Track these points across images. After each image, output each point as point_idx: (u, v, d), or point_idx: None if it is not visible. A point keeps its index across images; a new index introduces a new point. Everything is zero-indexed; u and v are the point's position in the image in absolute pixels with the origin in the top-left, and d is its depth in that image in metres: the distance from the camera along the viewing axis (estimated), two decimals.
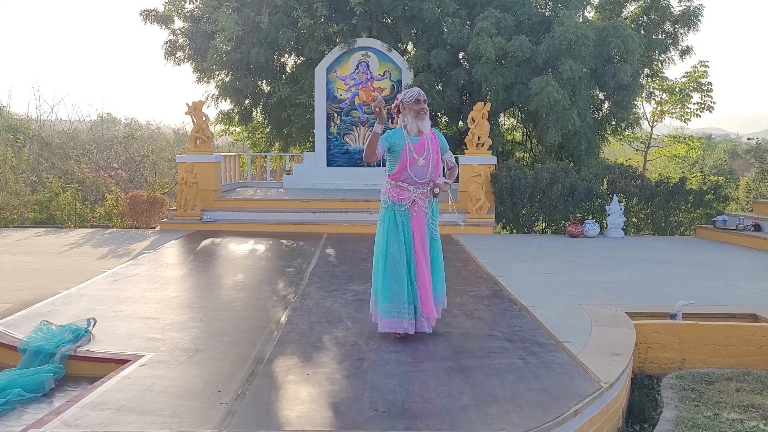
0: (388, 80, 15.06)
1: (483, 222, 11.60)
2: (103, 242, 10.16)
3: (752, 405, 4.23)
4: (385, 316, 4.84)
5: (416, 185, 4.88)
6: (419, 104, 4.89)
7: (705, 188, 12.43)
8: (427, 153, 4.87)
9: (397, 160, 4.86)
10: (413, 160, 4.84)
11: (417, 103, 4.89)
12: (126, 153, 16.74)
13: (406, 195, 4.89)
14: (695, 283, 7.27)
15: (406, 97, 4.92)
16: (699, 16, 15.30)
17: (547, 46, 13.07)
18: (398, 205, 4.89)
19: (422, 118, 4.91)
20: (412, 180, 4.86)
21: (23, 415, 3.86)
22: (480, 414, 3.50)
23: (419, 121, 4.91)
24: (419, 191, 4.89)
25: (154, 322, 5.32)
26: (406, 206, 4.89)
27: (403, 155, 4.84)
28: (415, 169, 4.85)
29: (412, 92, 4.93)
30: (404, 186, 4.88)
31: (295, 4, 14.58)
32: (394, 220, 4.88)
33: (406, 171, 4.84)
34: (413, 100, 4.89)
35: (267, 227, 11.54)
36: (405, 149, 4.85)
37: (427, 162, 4.86)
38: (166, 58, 16.56)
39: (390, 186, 4.92)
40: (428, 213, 4.96)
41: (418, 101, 4.90)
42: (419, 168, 4.85)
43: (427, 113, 4.95)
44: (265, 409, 3.57)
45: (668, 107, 18.06)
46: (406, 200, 4.89)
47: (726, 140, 33.07)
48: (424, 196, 4.92)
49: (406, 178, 4.87)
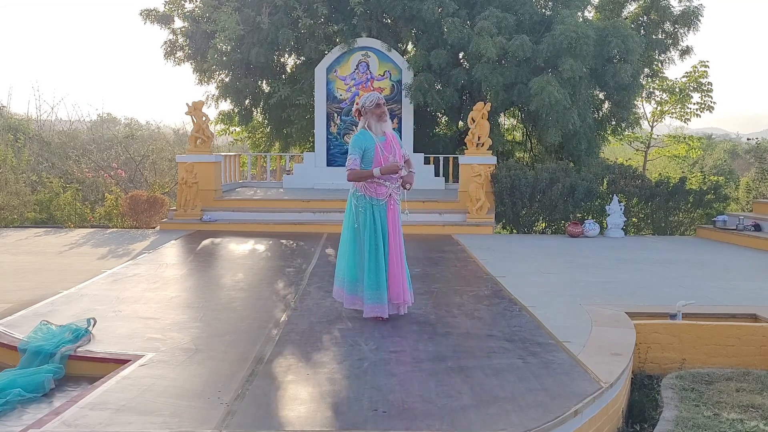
0: (388, 80, 15.07)
1: (483, 222, 11.60)
2: (103, 242, 10.16)
3: (752, 405, 4.23)
4: (371, 303, 5.25)
5: (391, 180, 5.31)
6: (380, 108, 5.29)
7: (705, 188, 12.43)
8: (394, 150, 5.32)
9: (372, 160, 5.25)
10: (385, 158, 5.25)
11: (378, 107, 5.28)
12: (126, 153, 16.75)
13: (383, 190, 5.30)
14: (695, 283, 7.27)
15: (367, 102, 5.28)
16: (699, 16, 15.31)
17: (548, 46, 13.07)
18: (377, 200, 5.30)
19: (384, 120, 5.32)
20: (388, 175, 5.26)
21: (23, 415, 3.86)
22: (480, 414, 3.50)
23: (382, 123, 5.31)
24: (394, 186, 5.35)
25: (154, 322, 5.32)
26: (383, 201, 5.31)
27: (377, 155, 5.24)
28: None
29: (371, 97, 5.30)
30: (381, 182, 5.28)
31: (295, 4, 14.58)
32: (372, 214, 5.28)
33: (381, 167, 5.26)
34: (374, 104, 5.27)
35: (267, 227, 11.54)
36: (377, 149, 5.25)
37: (395, 158, 5.30)
38: (166, 58, 16.55)
39: (366, 183, 5.29)
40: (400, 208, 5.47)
41: (379, 105, 5.29)
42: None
43: (387, 115, 5.35)
44: (265, 409, 3.57)
45: (668, 107, 18.07)
46: (384, 195, 5.31)
47: (726, 140, 33.08)
48: (397, 191, 5.39)
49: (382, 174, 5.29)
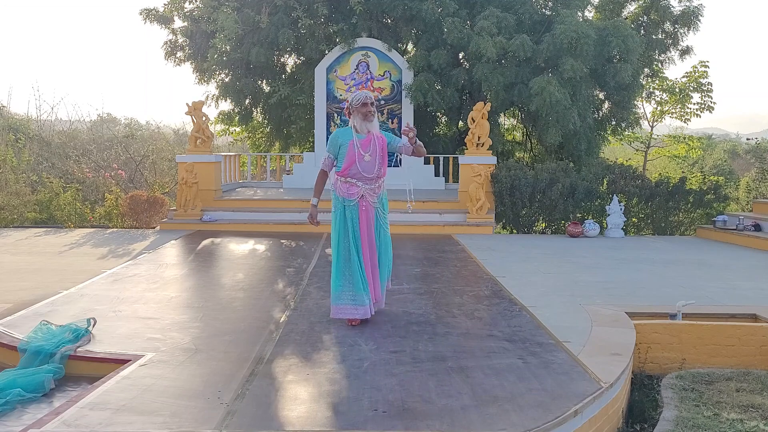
0: (388, 80, 15.07)
1: (483, 222, 11.60)
2: (103, 242, 10.16)
3: (752, 405, 4.23)
4: (336, 303, 5.18)
5: (364, 180, 5.15)
6: (366, 107, 5.15)
7: (705, 188, 12.43)
8: (373, 149, 5.15)
9: (345, 156, 5.13)
10: (360, 155, 5.10)
11: (364, 105, 5.14)
12: (126, 153, 16.75)
13: (354, 190, 5.17)
14: (695, 283, 7.27)
15: (354, 101, 5.17)
16: (699, 16, 15.32)
17: (548, 46, 13.07)
18: (348, 200, 5.17)
19: (370, 119, 5.18)
20: (360, 175, 5.13)
21: (23, 415, 3.86)
22: (480, 414, 3.50)
23: (367, 122, 5.18)
24: (367, 187, 5.17)
25: (154, 322, 5.31)
26: (355, 201, 5.17)
27: (350, 151, 5.11)
28: (362, 164, 5.12)
29: (359, 95, 5.18)
30: (353, 182, 5.15)
31: (295, 4, 14.58)
32: (344, 214, 5.17)
33: (354, 166, 5.11)
34: (360, 103, 5.14)
35: (267, 227, 11.54)
36: (351, 145, 5.11)
37: (373, 158, 5.14)
38: (166, 58, 16.57)
39: (339, 182, 5.19)
40: (377, 208, 5.27)
41: (365, 104, 5.15)
42: (366, 163, 5.13)
43: (374, 115, 5.20)
44: (265, 409, 3.57)
45: (668, 107, 18.07)
46: (355, 195, 5.17)
47: (726, 140, 33.09)
48: (372, 192, 5.21)
49: (355, 174, 5.14)
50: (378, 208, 5.27)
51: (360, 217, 5.17)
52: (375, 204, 5.25)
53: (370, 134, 5.18)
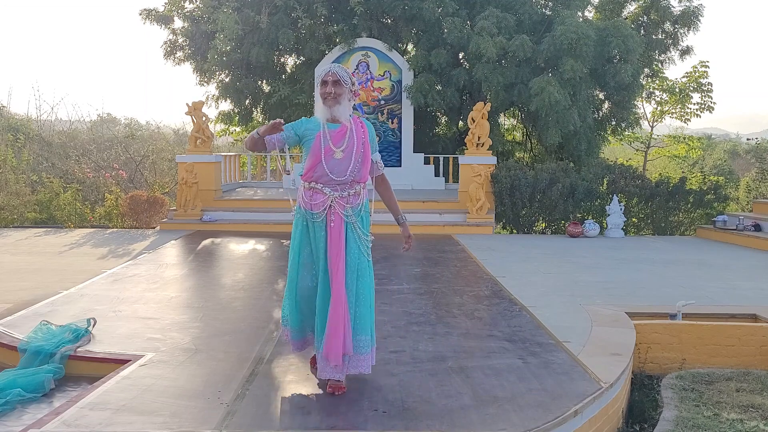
0: (388, 80, 15.06)
1: (483, 222, 11.60)
2: (103, 242, 10.16)
3: (752, 405, 4.23)
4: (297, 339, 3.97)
5: (333, 186, 3.71)
6: (325, 86, 3.72)
7: (705, 188, 12.43)
8: (349, 143, 3.72)
9: (309, 152, 3.73)
10: (329, 151, 3.69)
11: (323, 84, 3.73)
12: (126, 153, 16.75)
13: (320, 199, 3.71)
14: (695, 283, 7.27)
15: (316, 78, 4.03)
16: (699, 16, 15.33)
17: (548, 46, 13.08)
18: (311, 213, 3.72)
19: (329, 105, 3.73)
20: (329, 179, 3.69)
21: (23, 415, 3.86)
22: (480, 414, 3.50)
23: (325, 108, 3.76)
24: (337, 194, 3.71)
25: (154, 322, 5.31)
26: (321, 216, 3.71)
27: (316, 145, 3.70)
28: (331, 164, 3.69)
29: (321, 71, 3.92)
30: (318, 188, 3.71)
31: (295, 4, 14.58)
32: (306, 233, 3.78)
33: (320, 165, 3.69)
34: (320, 80, 3.76)
35: (267, 227, 11.53)
36: (318, 138, 3.71)
37: (348, 155, 3.71)
38: (166, 58, 16.56)
39: (303, 189, 3.79)
40: (350, 223, 3.73)
41: (325, 83, 3.72)
42: (336, 162, 3.70)
43: (339, 98, 3.73)
44: (265, 409, 3.57)
45: (668, 107, 18.08)
46: (320, 207, 3.70)
47: (726, 140, 33.08)
48: (344, 201, 3.72)
49: (321, 176, 3.70)
50: (351, 223, 3.72)
51: (329, 239, 3.69)
52: (348, 218, 3.71)
53: (345, 125, 3.76)
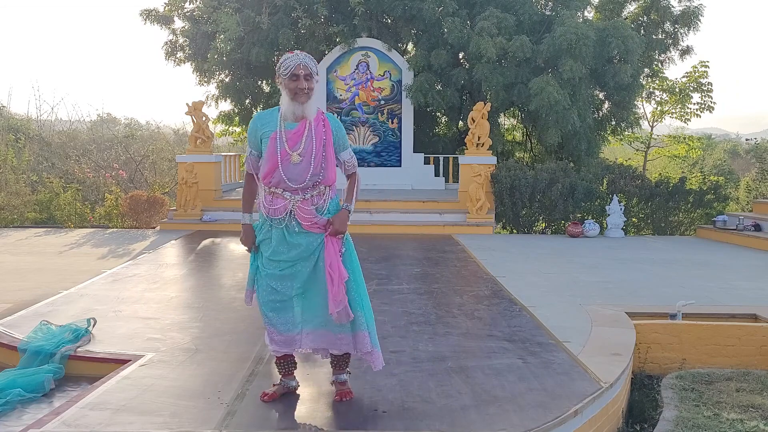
0: (388, 80, 15.06)
1: (483, 222, 11.60)
2: (103, 242, 10.16)
3: (752, 405, 4.23)
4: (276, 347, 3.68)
5: (293, 190, 3.42)
6: (297, 81, 3.36)
7: (705, 188, 12.43)
8: (307, 145, 3.39)
9: (265, 156, 3.43)
10: (285, 154, 3.37)
11: (294, 78, 3.36)
12: (126, 153, 16.77)
13: (280, 204, 3.43)
14: (695, 283, 7.27)
15: (282, 69, 3.38)
16: (699, 16, 15.32)
17: (548, 46, 13.08)
18: (273, 219, 3.45)
19: (301, 101, 3.38)
20: (286, 185, 3.41)
21: (23, 415, 3.86)
22: (480, 414, 3.50)
23: (295, 104, 3.39)
24: (299, 197, 3.43)
25: (154, 322, 5.32)
26: (281, 219, 3.44)
27: (271, 148, 3.39)
28: (288, 169, 3.39)
29: (289, 62, 3.36)
30: (278, 192, 3.43)
31: (295, 5, 14.58)
32: (270, 237, 3.48)
33: (277, 171, 3.39)
34: (289, 73, 3.36)
35: None
36: (273, 140, 3.39)
37: (307, 159, 3.39)
38: (167, 58, 16.56)
39: (264, 193, 3.50)
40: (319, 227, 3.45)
41: (296, 76, 3.35)
42: (293, 167, 3.39)
43: (311, 93, 3.40)
44: (265, 409, 3.57)
45: (668, 107, 18.08)
46: (281, 212, 3.43)
47: (726, 140, 33.09)
48: (306, 204, 3.43)
49: (279, 182, 3.42)
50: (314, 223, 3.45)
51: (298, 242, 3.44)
52: (312, 221, 3.43)
53: (305, 121, 3.42)
